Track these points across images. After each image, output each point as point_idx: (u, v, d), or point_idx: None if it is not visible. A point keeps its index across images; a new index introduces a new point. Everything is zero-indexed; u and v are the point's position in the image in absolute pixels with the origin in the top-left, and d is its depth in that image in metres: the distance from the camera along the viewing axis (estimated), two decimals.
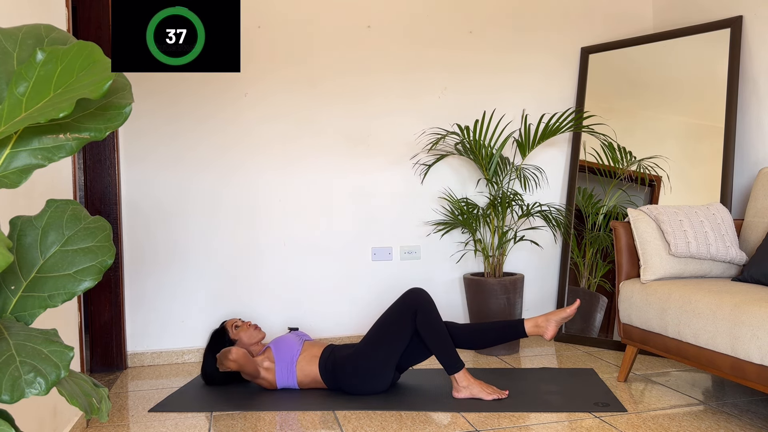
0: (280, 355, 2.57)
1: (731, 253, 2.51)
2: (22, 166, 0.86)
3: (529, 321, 2.51)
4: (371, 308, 3.28)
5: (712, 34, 3.13)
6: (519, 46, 3.55)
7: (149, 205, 3.11)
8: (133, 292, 3.10)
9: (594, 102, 3.52)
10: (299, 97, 3.28)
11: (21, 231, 0.93)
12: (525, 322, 2.51)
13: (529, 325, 2.50)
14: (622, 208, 3.30)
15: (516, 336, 2.53)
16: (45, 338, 0.83)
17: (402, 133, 3.39)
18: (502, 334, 2.57)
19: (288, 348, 2.59)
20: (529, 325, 2.50)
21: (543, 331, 2.48)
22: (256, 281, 3.24)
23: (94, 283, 0.93)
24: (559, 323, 2.48)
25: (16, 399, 0.75)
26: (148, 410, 2.44)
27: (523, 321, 2.51)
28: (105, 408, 0.90)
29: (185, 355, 3.15)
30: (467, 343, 2.55)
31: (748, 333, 1.96)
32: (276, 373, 2.55)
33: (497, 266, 3.24)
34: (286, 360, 2.56)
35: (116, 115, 0.88)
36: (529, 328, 2.50)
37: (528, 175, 3.40)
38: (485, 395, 2.41)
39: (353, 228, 3.36)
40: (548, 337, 2.47)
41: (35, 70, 0.82)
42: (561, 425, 2.18)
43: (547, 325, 2.47)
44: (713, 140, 3.05)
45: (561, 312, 2.50)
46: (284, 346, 2.60)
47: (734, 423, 2.15)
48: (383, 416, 2.30)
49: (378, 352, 2.48)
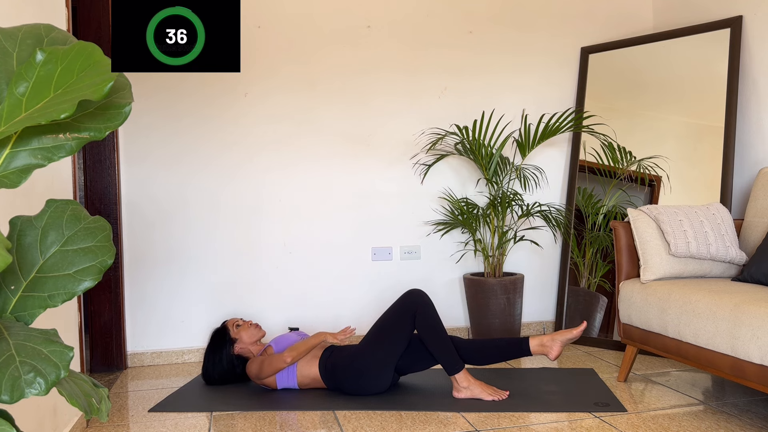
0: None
1: (731, 253, 2.51)
2: (22, 166, 0.86)
3: (534, 339, 2.50)
4: (371, 308, 3.28)
5: (712, 34, 3.13)
6: (519, 46, 3.55)
7: (149, 205, 3.11)
8: (133, 292, 3.10)
9: (594, 102, 3.52)
10: (299, 97, 3.28)
11: (21, 231, 0.93)
12: (530, 340, 2.50)
13: (534, 343, 2.49)
14: (622, 208, 3.30)
15: (520, 354, 2.52)
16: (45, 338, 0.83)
17: (402, 133, 3.39)
18: (507, 351, 2.55)
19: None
20: (534, 344, 2.49)
21: (548, 350, 2.47)
22: (256, 281, 3.24)
23: (94, 283, 0.93)
24: (564, 344, 2.47)
25: (16, 399, 0.75)
26: (148, 410, 2.44)
27: (528, 339, 2.51)
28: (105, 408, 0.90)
29: (185, 355, 3.15)
30: (471, 359, 2.54)
31: (748, 333, 1.96)
32: (276, 373, 2.55)
33: (497, 266, 3.24)
34: None
35: (116, 115, 0.88)
36: (534, 346, 2.49)
37: (528, 175, 3.40)
38: (485, 396, 2.41)
39: (353, 228, 3.36)
40: (553, 356, 2.46)
41: (35, 71, 0.82)
42: (561, 425, 2.18)
43: (552, 345, 2.46)
44: (713, 140, 3.05)
45: (567, 333, 2.48)
46: (285, 345, 2.60)
47: (734, 423, 2.15)
48: (383, 416, 2.30)
49: (377, 353, 2.48)
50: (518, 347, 2.52)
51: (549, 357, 2.47)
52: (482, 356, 2.55)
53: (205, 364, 2.68)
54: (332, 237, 3.33)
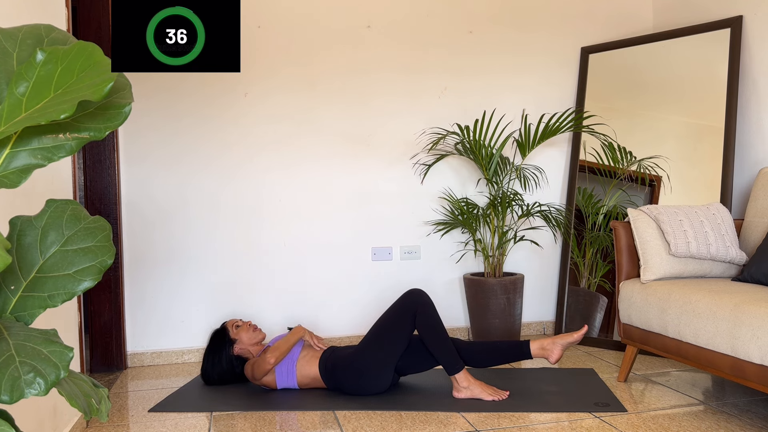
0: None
1: (731, 253, 2.51)
2: (22, 166, 0.86)
3: (535, 342, 2.51)
4: (371, 308, 3.28)
5: (712, 34, 3.13)
6: (519, 46, 3.55)
7: (149, 205, 3.11)
8: (133, 292, 3.10)
9: (594, 102, 3.52)
10: (299, 97, 3.28)
11: (21, 231, 0.93)
12: (531, 343, 2.51)
13: (535, 347, 2.50)
14: (622, 208, 3.30)
15: (521, 357, 2.53)
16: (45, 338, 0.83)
17: (402, 133, 3.39)
18: (508, 354, 2.56)
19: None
20: (534, 347, 2.50)
21: (548, 353, 2.48)
22: (256, 281, 3.24)
23: (94, 283, 0.93)
24: (565, 347, 2.48)
25: (16, 399, 0.75)
26: (148, 410, 2.44)
27: (529, 342, 2.51)
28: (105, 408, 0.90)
29: (185, 355, 3.15)
30: (471, 361, 2.55)
31: (748, 333, 1.96)
32: (276, 373, 2.55)
33: (497, 266, 3.24)
34: (286, 360, 2.56)
35: (116, 115, 0.88)
36: (534, 350, 2.49)
37: (528, 175, 3.40)
38: (485, 396, 2.41)
39: (353, 228, 3.36)
40: (553, 360, 2.47)
41: (35, 71, 0.82)
42: (561, 425, 2.18)
43: (553, 348, 2.47)
44: (713, 140, 3.05)
45: (568, 336, 2.49)
46: None
47: (734, 423, 2.15)
48: (383, 416, 2.30)
49: (377, 352, 2.48)
50: (519, 350, 2.52)
51: (549, 360, 2.48)
52: (482, 358, 2.56)
53: (205, 365, 2.67)
54: (332, 237, 3.33)
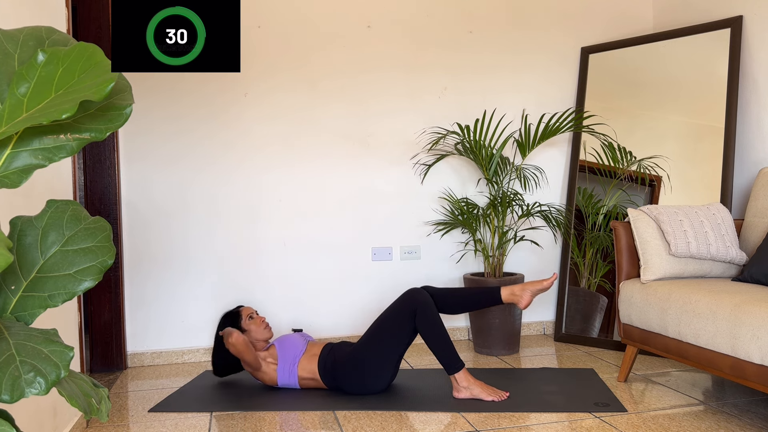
0: (283, 354, 2.58)
1: (731, 253, 2.52)
2: (23, 166, 0.86)
3: (505, 289, 2.56)
4: (371, 308, 3.28)
5: (712, 34, 3.13)
6: (519, 46, 3.55)
7: (149, 205, 3.11)
8: (133, 292, 3.10)
9: (594, 102, 3.52)
10: (299, 97, 3.28)
11: (21, 231, 0.93)
12: (501, 289, 2.56)
13: (506, 293, 2.55)
14: (622, 208, 3.30)
15: (492, 302, 2.59)
16: (45, 338, 0.83)
17: (402, 132, 3.39)
18: (480, 299, 2.63)
19: (292, 347, 2.60)
20: (505, 293, 2.55)
21: (518, 299, 2.52)
22: (256, 281, 3.24)
23: (94, 283, 0.93)
24: (534, 294, 2.53)
25: (16, 399, 0.75)
26: (148, 410, 2.44)
27: (500, 288, 2.56)
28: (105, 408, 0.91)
29: (185, 355, 3.15)
30: (445, 307, 2.59)
31: (748, 333, 1.96)
32: (278, 371, 2.55)
33: (497, 266, 3.24)
34: (289, 359, 2.56)
35: (117, 116, 0.88)
36: (505, 295, 2.55)
37: (528, 175, 3.40)
38: (485, 396, 2.41)
39: (353, 228, 3.36)
40: (522, 305, 2.52)
41: (36, 71, 0.82)
42: (561, 425, 2.18)
43: (523, 294, 2.52)
44: (713, 140, 3.05)
45: (538, 283, 2.54)
46: (289, 345, 2.61)
47: (734, 423, 2.15)
48: (383, 416, 2.30)
49: (376, 351, 2.48)
50: (490, 296, 2.58)
51: (519, 306, 2.53)
52: (455, 303, 2.61)
53: (214, 353, 2.68)
54: (332, 237, 3.34)
